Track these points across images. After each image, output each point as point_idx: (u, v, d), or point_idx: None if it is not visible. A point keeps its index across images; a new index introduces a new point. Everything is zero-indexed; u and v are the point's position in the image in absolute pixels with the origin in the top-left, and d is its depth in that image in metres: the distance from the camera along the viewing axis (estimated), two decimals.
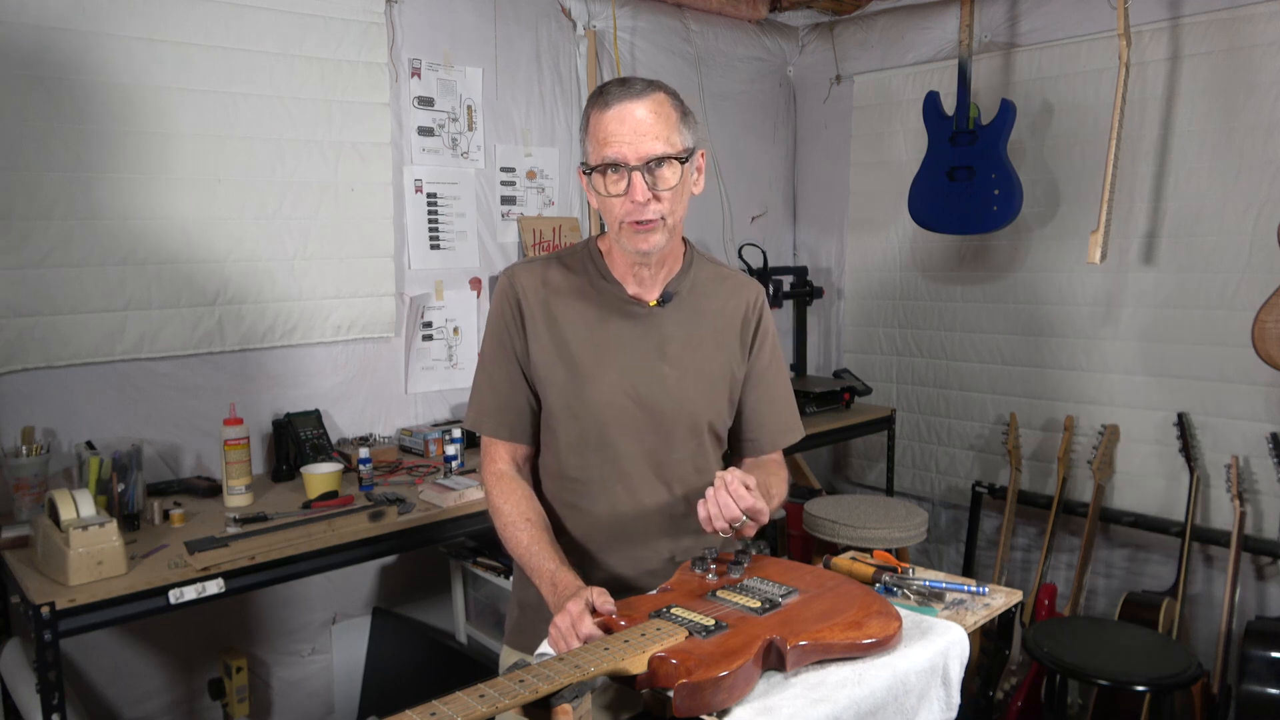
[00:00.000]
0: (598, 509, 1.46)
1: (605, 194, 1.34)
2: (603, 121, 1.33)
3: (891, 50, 3.74)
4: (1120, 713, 2.85)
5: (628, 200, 1.32)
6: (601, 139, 1.33)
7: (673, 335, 1.46)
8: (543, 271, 1.48)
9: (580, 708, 0.93)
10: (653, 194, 1.32)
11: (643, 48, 3.47)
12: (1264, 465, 2.86)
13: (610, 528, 1.46)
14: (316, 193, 2.65)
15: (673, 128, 1.34)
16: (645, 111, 1.32)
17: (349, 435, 2.79)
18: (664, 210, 1.34)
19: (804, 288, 3.77)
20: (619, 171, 1.32)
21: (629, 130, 1.31)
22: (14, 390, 2.22)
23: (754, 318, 1.53)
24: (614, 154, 1.31)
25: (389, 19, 2.78)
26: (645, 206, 1.32)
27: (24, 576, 1.82)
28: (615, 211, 1.35)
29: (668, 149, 1.32)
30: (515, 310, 1.46)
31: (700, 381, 1.47)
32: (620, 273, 1.46)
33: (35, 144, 2.19)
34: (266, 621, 2.69)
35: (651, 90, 1.34)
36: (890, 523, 2.82)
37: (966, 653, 1.23)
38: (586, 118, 1.38)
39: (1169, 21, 2.96)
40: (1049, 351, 3.36)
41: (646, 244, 1.36)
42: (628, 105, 1.32)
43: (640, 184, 1.31)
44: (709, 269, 1.53)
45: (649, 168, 1.32)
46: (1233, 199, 2.88)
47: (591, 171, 1.36)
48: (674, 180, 1.34)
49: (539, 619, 1.49)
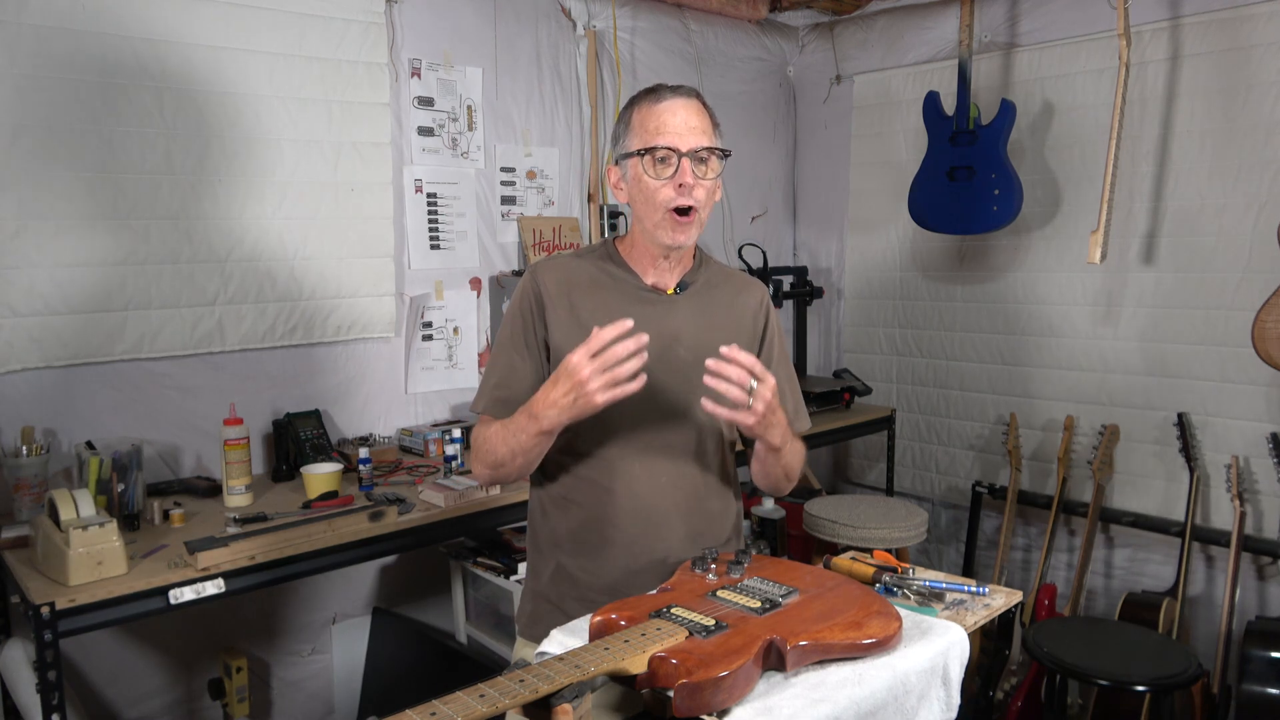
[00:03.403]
0: (615, 487, 1.49)
1: (653, 177, 1.43)
2: (655, 112, 1.45)
3: (891, 50, 3.74)
4: (1120, 713, 2.85)
5: (674, 184, 1.42)
6: (654, 128, 1.44)
7: (688, 321, 1.53)
8: (564, 266, 1.56)
9: (580, 708, 0.93)
10: (697, 180, 1.43)
11: (643, 48, 3.47)
12: (1264, 465, 2.86)
13: (627, 506, 1.49)
14: (316, 193, 2.65)
15: (713, 129, 1.50)
16: (694, 109, 1.47)
17: (349, 435, 2.79)
18: (702, 200, 1.45)
19: (804, 288, 3.77)
20: (667, 160, 1.43)
21: (681, 122, 1.44)
22: (14, 390, 2.22)
23: (762, 315, 1.62)
24: (667, 141, 1.43)
25: (389, 19, 2.78)
26: (691, 191, 1.43)
27: (24, 576, 1.82)
28: (658, 199, 1.44)
29: (713, 143, 1.47)
30: (536, 302, 1.52)
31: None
32: (641, 266, 1.54)
33: (36, 146, 2.19)
34: (266, 621, 2.69)
35: (696, 95, 1.50)
36: (890, 523, 2.82)
37: (966, 653, 1.23)
38: (630, 112, 1.49)
39: (1169, 21, 2.96)
40: (1049, 351, 3.36)
41: (685, 236, 1.46)
42: (679, 100, 1.46)
43: (688, 168, 1.43)
44: (717, 267, 1.64)
45: (696, 158, 1.44)
46: (1233, 199, 2.88)
47: (641, 155, 1.44)
48: (715, 172, 1.47)
49: (557, 611, 1.52)
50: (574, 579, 1.52)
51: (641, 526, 1.49)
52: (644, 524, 1.49)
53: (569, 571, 1.53)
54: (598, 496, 1.50)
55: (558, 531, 1.54)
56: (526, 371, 1.51)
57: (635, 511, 1.49)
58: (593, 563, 1.51)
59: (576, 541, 1.52)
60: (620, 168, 1.52)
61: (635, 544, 1.49)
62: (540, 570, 1.58)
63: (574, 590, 1.52)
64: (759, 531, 3.25)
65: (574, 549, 1.52)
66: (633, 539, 1.49)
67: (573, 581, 1.52)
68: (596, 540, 1.50)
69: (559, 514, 1.54)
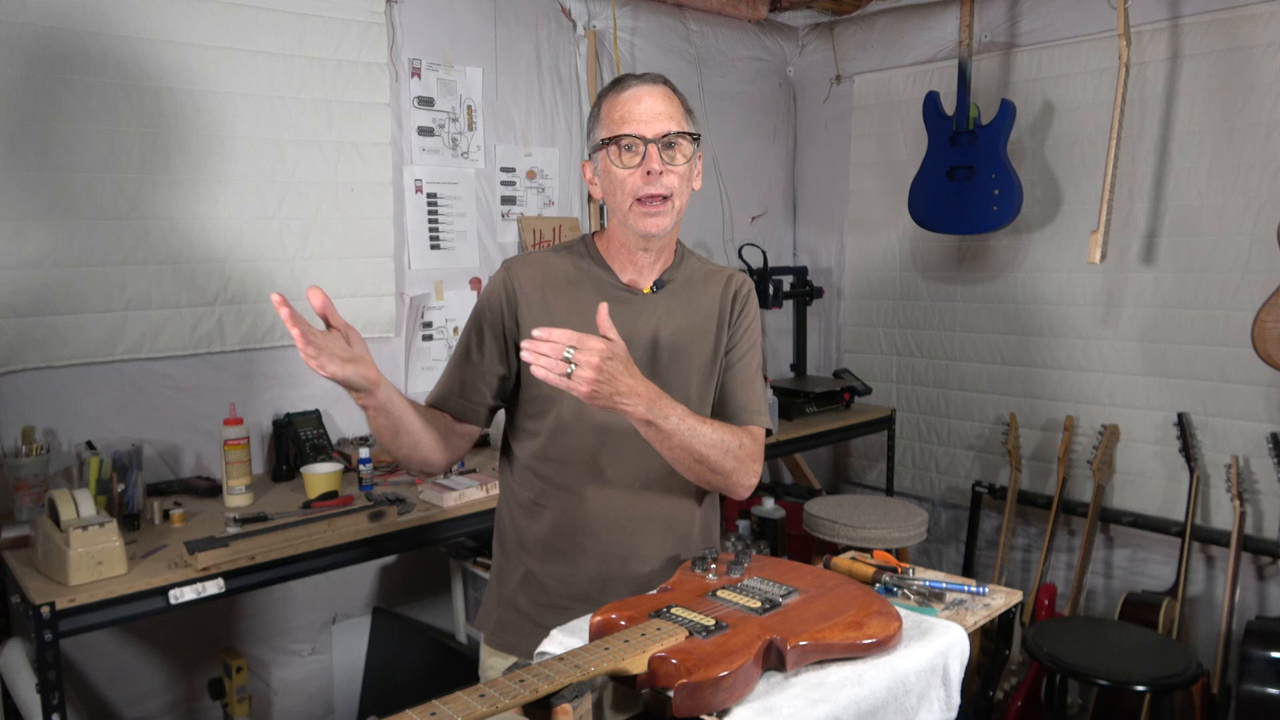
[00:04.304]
0: (587, 493, 1.46)
1: (620, 166, 1.39)
2: (619, 102, 1.41)
3: (891, 50, 3.74)
4: (1120, 713, 2.85)
5: (641, 172, 1.38)
6: (618, 118, 1.40)
7: (665, 320, 1.48)
8: (539, 262, 1.51)
9: (580, 708, 0.93)
10: (665, 167, 1.38)
11: (643, 48, 3.47)
12: (1264, 465, 2.86)
13: (599, 512, 1.46)
14: (316, 193, 2.65)
15: (683, 114, 1.43)
16: (659, 95, 1.41)
17: (349, 435, 2.79)
18: (673, 187, 1.40)
19: (804, 288, 3.77)
20: (633, 148, 1.39)
21: (645, 109, 1.39)
22: (14, 390, 2.22)
23: (737, 306, 1.54)
24: (632, 129, 1.38)
25: (389, 19, 2.78)
26: (659, 179, 1.38)
27: (24, 576, 1.82)
28: (626, 187, 1.40)
29: (681, 127, 1.41)
30: (509, 296, 1.47)
31: (691, 364, 1.49)
32: (619, 263, 1.50)
33: (35, 144, 2.19)
34: (266, 621, 2.69)
35: (662, 81, 1.44)
36: (890, 523, 2.82)
37: (966, 653, 1.23)
38: (599, 105, 1.45)
39: (1169, 21, 2.96)
40: (1049, 351, 3.36)
41: (656, 225, 1.41)
42: (643, 88, 1.41)
43: (655, 154, 1.38)
44: (700, 265, 1.57)
45: (664, 143, 1.39)
46: (1232, 199, 2.88)
47: (606, 145, 1.40)
48: (686, 157, 1.42)
49: (525, 619, 1.49)
50: (543, 586, 1.49)
51: (615, 532, 1.46)
52: (618, 530, 1.46)
53: (538, 579, 1.50)
54: (568, 502, 1.47)
55: (527, 537, 1.51)
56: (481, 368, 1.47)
57: (608, 517, 1.46)
58: (564, 569, 1.48)
59: (547, 548, 1.49)
60: (593, 162, 1.47)
61: (608, 550, 1.46)
62: (508, 576, 1.54)
63: (543, 597, 1.49)
64: (759, 531, 3.25)
65: (544, 555, 1.49)
66: (605, 545, 1.46)
67: (542, 588, 1.49)
68: (568, 547, 1.47)
69: (528, 520, 1.51)
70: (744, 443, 1.43)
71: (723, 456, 1.38)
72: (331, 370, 1.22)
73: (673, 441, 1.33)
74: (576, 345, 1.20)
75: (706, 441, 1.36)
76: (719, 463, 1.38)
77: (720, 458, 1.38)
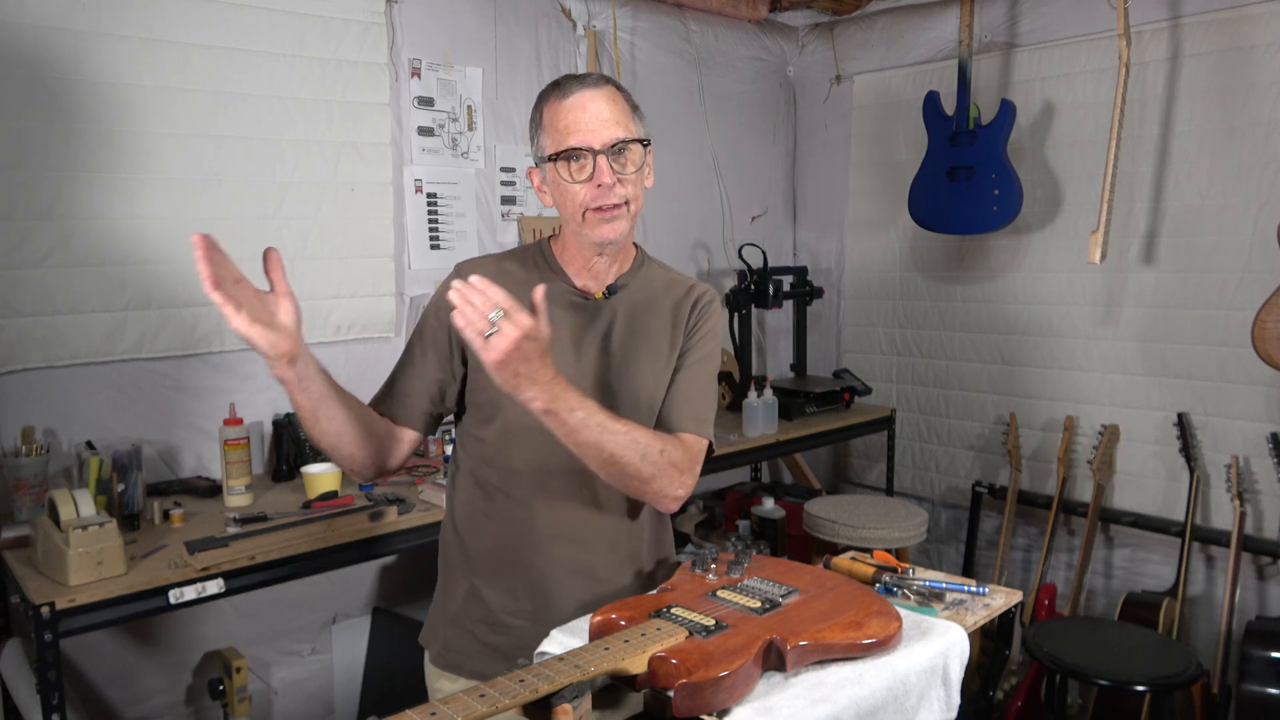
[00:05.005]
0: (534, 503, 1.41)
1: (569, 181, 1.34)
2: (563, 110, 1.34)
3: (891, 50, 3.74)
4: (1120, 713, 2.85)
5: (592, 186, 1.33)
6: (564, 127, 1.33)
7: (618, 325, 1.44)
8: (492, 266, 1.46)
9: (580, 708, 0.93)
10: (617, 177, 1.34)
11: (643, 48, 3.47)
12: (1264, 465, 2.86)
13: (547, 524, 1.42)
14: (316, 193, 2.65)
15: (629, 116, 1.37)
16: (604, 100, 1.34)
17: None
18: (628, 194, 1.36)
19: (804, 288, 3.76)
20: (582, 159, 1.33)
21: (591, 117, 1.33)
22: (14, 390, 2.22)
23: (700, 313, 1.48)
24: (579, 140, 1.32)
25: (389, 19, 2.78)
26: (611, 189, 1.33)
27: (24, 576, 1.82)
28: (578, 199, 1.35)
29: (629, 134, 1.35)
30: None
31: (644, 370, 1.44)
32: (574, 268, 1.45)
33: (35, 143, 2.19)
34: (266, 621, 2.69)
35: (606, 83, 1.37)
36: (890, 523, 2.82)
37: (966, 653, 1.23)
38: (539, 111, 1.38)
39: (1169, 21, 2.96)
40: (1049, 351, 3.36)
41: (612, 232, 1.36)
42: (586, 94, 1.34)
43: (606, 166, 1.33)
44: (662, 273, 1.52)
45: (613, 152, 1.33)
46: (1233, 199, 2.88)
47: (554, 159, 1.35)
48: (637, 163, 1.37)
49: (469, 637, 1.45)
50: (487, 603, 1.44)
51: (563, 546, 1.41)
52: (567, 543, 1.41)
53: (483, 596, 1.44)
54: (514, 513, 1.42)
55: (471, 552, 1.46)
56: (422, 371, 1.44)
57: (556, 530, 1.41)
58: (510, 584, 1.43)
59: (493, 563, 1.44)
60: (540, 170, 1.41)
61: (555, 564, 1.41)
62: (453, 591, 1.49)
63: (488, 615, 1.44)
64: (759, 531, 3.26)
65: (490, 572, 1.44)
66: (553, 559, 1.41)
67: (486, 606, 1.44)
68: (514, 561, 1.42)
69: (472, 534, 1.46)
70: (666, 449, 1.33)
71: (638, 460, 1.29)
72: (236, 324, 1.15)
73: (578, 436, 1.24)
74: (507, 312, 1.13)
75: (618, 442, 1.26)
76: (634, 466, 1.29)
77: (635, 461, 1.29)
